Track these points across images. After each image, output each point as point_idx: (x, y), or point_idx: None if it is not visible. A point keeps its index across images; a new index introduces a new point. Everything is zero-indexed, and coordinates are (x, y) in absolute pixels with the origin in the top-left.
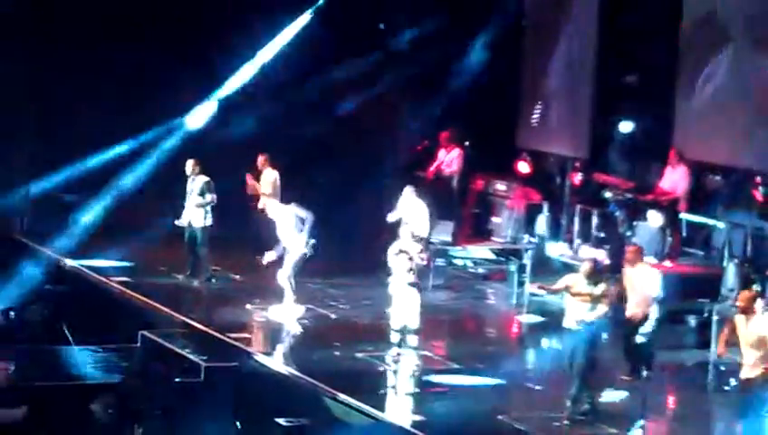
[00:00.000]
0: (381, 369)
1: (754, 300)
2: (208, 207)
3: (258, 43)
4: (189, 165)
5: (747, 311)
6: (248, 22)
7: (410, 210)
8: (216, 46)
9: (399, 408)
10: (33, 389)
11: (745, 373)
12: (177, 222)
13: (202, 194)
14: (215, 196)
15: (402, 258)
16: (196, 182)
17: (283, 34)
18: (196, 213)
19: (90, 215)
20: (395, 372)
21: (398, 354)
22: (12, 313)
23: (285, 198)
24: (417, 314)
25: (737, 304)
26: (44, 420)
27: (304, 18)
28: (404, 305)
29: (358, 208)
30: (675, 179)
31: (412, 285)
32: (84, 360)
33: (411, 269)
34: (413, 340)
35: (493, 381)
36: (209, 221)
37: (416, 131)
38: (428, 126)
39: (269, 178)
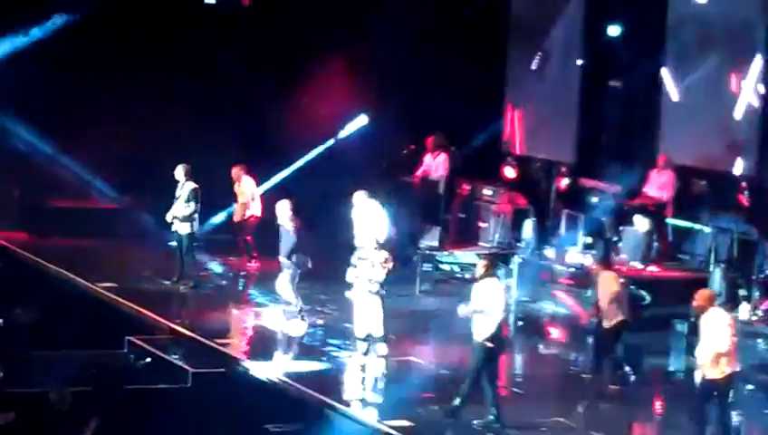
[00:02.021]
0: (369, 374)
1: (712, 300)
2: (195, 215)
3: None
4: (180, 170)
5: (704, 310)
6: None
7: (366, 215)
8: None
9: (387, 413)
10: (21, 395)
11: (709, 374)
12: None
13: (188, 201)
14: (198, 205)
15: (364, 266)
16: (184, 189)
17: None
18: (181, 220)
19: None
20: (378, 377)
21: (363, 365)
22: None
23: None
24: (381, 322)
25: (694, 303)
26: (32, 426)
27: None
28: (366, 314)
29: (344, 214)
30: (662, 184)
31: (375, 293)
32: (72, 366)
33: (372, 278)
34: (382, 348)
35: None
36: (195, 228)
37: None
38: (412, 131)
39: (248, 186)
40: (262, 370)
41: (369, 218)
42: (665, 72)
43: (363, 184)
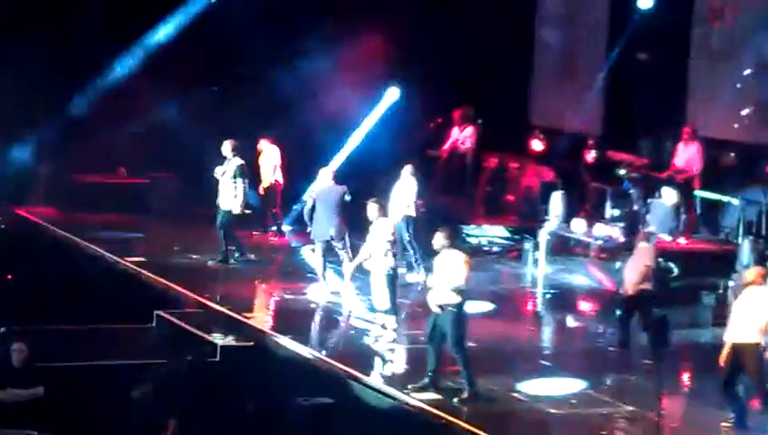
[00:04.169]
0: (396, 348)
1: (764, 277)
2: (239, 191)
3: None
4: (227, 146)
5: (755, 284)
6: None
7: (403, 189)
8: None
9: (414, 386)
10: (48, 370)
11: (738, 338)
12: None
13: (234, 178)
14: (246, 182)
15: (382, 239)
16: (230, 165)
17: None
18: (226, 195)
19: None
20: (406, 351)
21: (391, 338)
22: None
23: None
24: (390, 295)
25: (746, 279)
26: (60, 401)
27: None
28: (379, 287)
29: (373, 188)
30: (689, 156)
31: (391, 268)
32: (101, 340)
33: (389, 250)
34: (390, 321)
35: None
36: (241, 205)
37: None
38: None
39: (273, 155)
40: (290, 343)
41: (404, 192)
42: (693, 44)
43: (391, 158)
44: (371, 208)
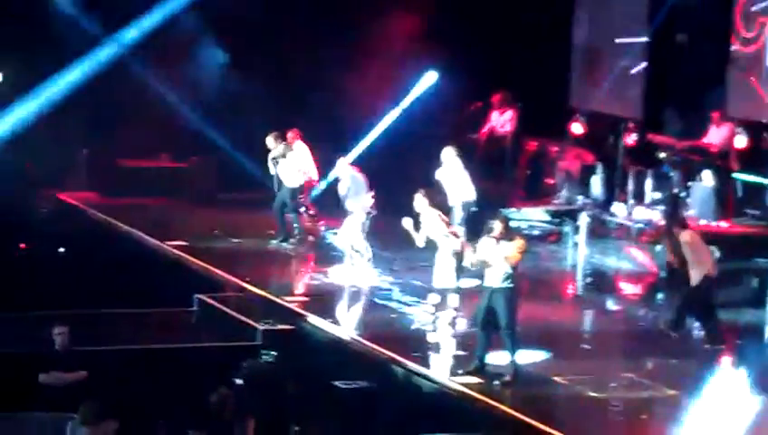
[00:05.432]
0: (439, 332)
1: None
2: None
3: None
4: (270, 139)
5: None
6: None
7: (450, 173)
8: None
9: (456, 370)
10: (90, 353)
11: None
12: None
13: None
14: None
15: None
16: (279, 149)
17: None
18: (284, 179)
19: None
20: (449, 335)
21: (434, 320)
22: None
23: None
24: (456, 273)
25: None
26: (102, 385)
27: None
28: (442, 265)
29: (411, 172)
30: (722, 138)
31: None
32: (142, 324)
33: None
34: (453, 300)
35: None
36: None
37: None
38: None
39: (303, 151)
40: (330, 327)
41: (453, 176)
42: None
43: (430, 142)
44: (419, 200)
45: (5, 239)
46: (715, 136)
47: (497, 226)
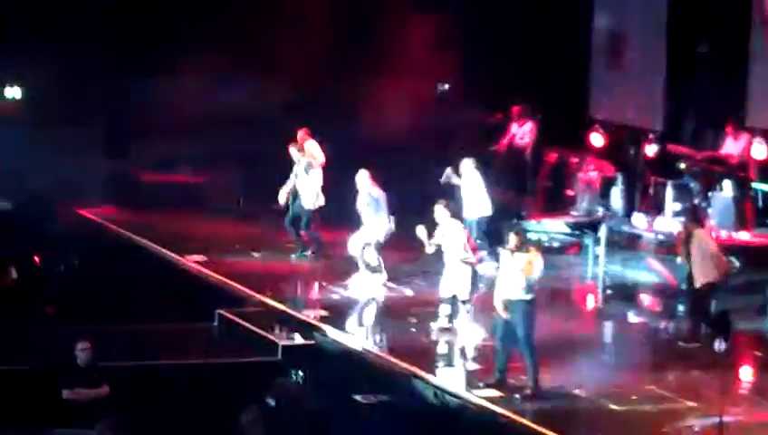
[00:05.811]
0: (458, 344)
1: None
2: (315, 189)
3: None
4: (293, 150)
5: None
6: None
7: (469, 185)
8: None
9: (476, 383)
10: (111, 369)
11: None
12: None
13: (306, 172)
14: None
15: (457, 243)
16: (300, 165)
17: None
18: (303, 194)
19: None
20: (469, 347)
21: (443, 328)
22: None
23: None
24: (469, 285)
25: None
26: (124, 401)
27: None
28: (455, 275)
29: (431, 184)
30: (741, 149)
31: (466, 261)
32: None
33: (466, 246)
34: (465, 311)
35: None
36: (318, 202)
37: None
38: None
39: (315, 150)
40: (350, 340)
41: (472, 189)
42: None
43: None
44: (440, 211)
45: (24, 254)
46: (732, 147)
47: (512, 238)
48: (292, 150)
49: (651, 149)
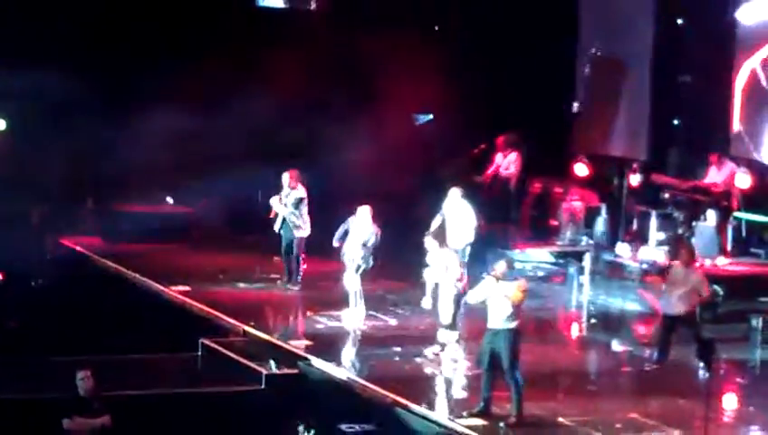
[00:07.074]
0: (443, 373)
1: None
2: (303, 220)
3: None
4: (285, 177)
5: None
6: None
7: (456, 213)
8: None
9: (460, 411)
10: (112, 398)
11: None
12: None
13: (296, 207)
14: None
15: (450, 270)
16: (290, 196)
17: None
18: (293, 226)
19: None
20: (453, 376)
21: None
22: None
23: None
24: (454, 311)
25: None
26: (124, 430)
27: None
28: (443, 301)
29: (416, 214)
30: (725, 178)
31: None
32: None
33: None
34: (447, 335)
35: (554, 382)
36: (305, 233)
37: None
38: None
39: (301, 194)
40: (334, 370)
41: (459, 218)
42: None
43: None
44: (430, 243)
45: (11, 284)
46: (715, 176)
47: (500, 266)
48: (285, 178)
49: (635, 179)
